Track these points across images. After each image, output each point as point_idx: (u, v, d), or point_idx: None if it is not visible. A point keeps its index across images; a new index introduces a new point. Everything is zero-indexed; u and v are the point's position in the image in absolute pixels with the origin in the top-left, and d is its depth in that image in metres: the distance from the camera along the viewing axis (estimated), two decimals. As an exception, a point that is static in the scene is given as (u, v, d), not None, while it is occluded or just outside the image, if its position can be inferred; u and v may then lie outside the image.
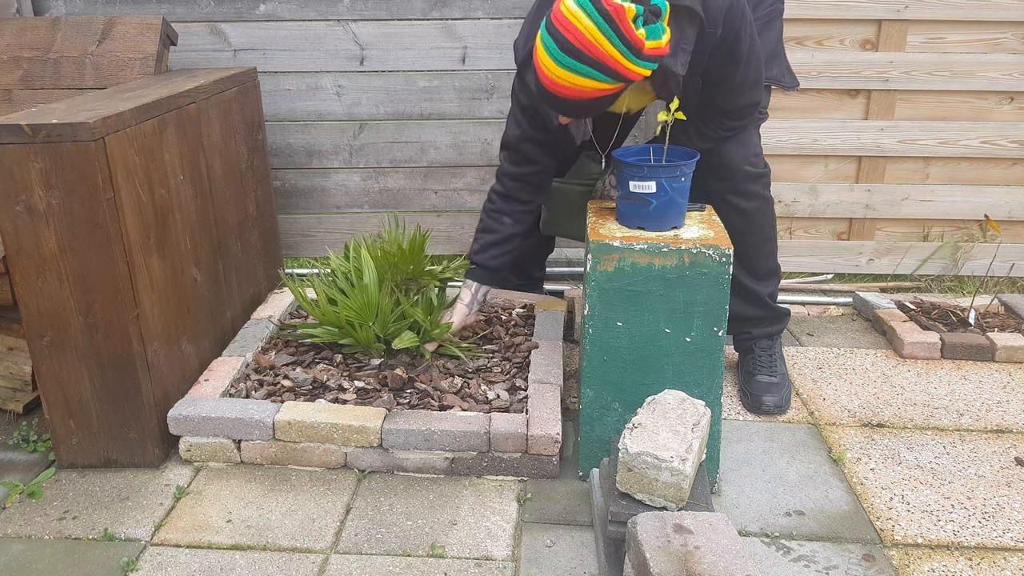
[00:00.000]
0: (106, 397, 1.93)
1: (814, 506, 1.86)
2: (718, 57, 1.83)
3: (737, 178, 2.08)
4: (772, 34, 2.13)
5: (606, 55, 1.59)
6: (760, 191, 2.12)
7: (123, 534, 1.77)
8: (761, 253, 2.20)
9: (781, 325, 2.33)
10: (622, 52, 1.59)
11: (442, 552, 1.71)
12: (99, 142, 1.74)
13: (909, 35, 2.76)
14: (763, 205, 2.14)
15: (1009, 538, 1.76)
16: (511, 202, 2.14)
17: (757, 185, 2.11)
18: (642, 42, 1.59)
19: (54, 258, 1.80)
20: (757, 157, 2.10)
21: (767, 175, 2.13)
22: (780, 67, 2.17)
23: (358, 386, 2.12)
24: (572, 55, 1.61)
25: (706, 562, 1.33)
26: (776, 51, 2.16)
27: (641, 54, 1.61)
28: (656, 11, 1.62)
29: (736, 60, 1.85)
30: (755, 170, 2.09)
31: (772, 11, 2.13)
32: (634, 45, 1.59)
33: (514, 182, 2.12)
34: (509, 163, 2.12)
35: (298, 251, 3.08)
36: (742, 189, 2.09)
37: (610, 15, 1.56)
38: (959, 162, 2.90)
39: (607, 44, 1.58)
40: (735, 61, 1.85)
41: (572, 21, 1.59)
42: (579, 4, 1.58)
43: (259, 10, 2.79)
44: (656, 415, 1.61)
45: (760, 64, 1.93)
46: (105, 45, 2.47)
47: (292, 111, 2.90)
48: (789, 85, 2.20)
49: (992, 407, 2.25)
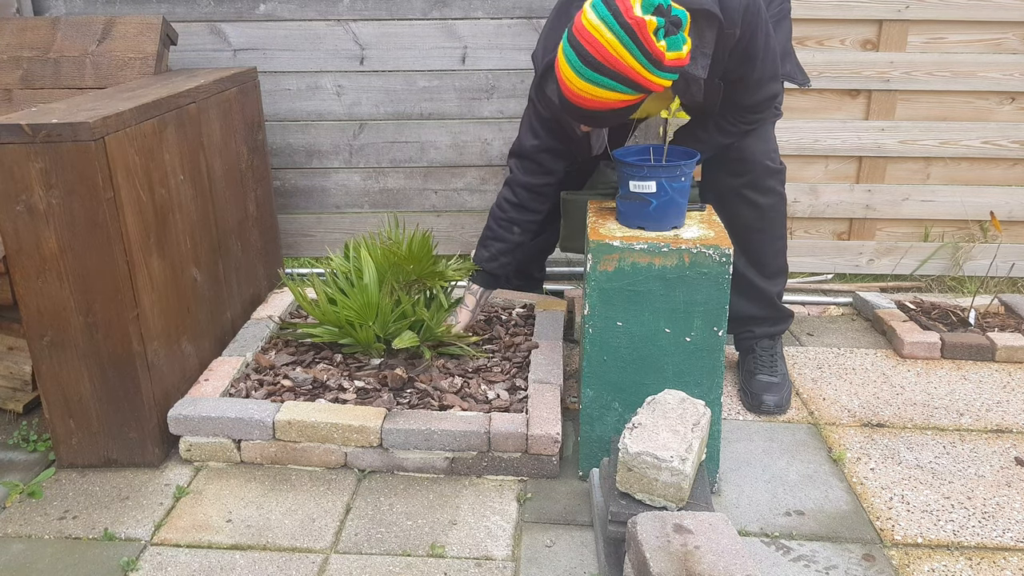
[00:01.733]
0: (106, 397, 1.93)
1: (814, 506, 1.86)
2: (736, 56, 1.84)
3: (756, 172, 2.08)
4: (783, 32, 2.14)
5: (628, 68, 1.61)
6: (776, 187, 2.13)
7: (123, 534, 1.77)
8: (772, 251, 2.21)
9: (784, 325, 2.33)
10: (644, 65, 1.61)
11: (442, 552, 1.71)
12: (99, 142, 1.74)
13: (910, 35, 2.76)
14: (778, 202, 2.15)
15: (1009, 538, 1.76)
16: (523, 211, 2.14)
17: (774, 181, 2.12)
18: (663, 54, 1.61)
19: (54, 258, 1.80)
20: (776, 153, 2.12)
21: (783, 172, 2.14)
22: (792, 64, 2.19)
23: (358, 386, 2.12)
24: (594, 68, 1.63)
25: (706, 562, 1.33)
26: (787, 48, 2.17)
27: (662, 66, 1.62)
28: (677, 22, 1.63)
29: (752, 57, 1.86)
30: (774, 165, 2.10)
31: (782, 10, 2.15)
32: (655, 58, 1.60)
33: (528, 192, 2.12)
34: (523, 173, 2.11)
35: (298, 251, 3.08)
36: (760, 184, 2.10)
37: (632, 28, 1.57)
38: (960, 162, 2.90)
39: (629, 57, 1.60)
40: (751, 58, 1.86)
41: (594, 34, 1.60)
42: (601, 17, 1.59)
43: (259, 10, 2.79)
44: (656, 415, 1.61)
45: (776, 57, 1.94)
46: (105, 45, 2.47)
47: (292, 111, 2.90)
48: (802, 82, 2.21)
49: (992, 407, 2.25)
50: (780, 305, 2.29)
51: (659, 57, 1.61)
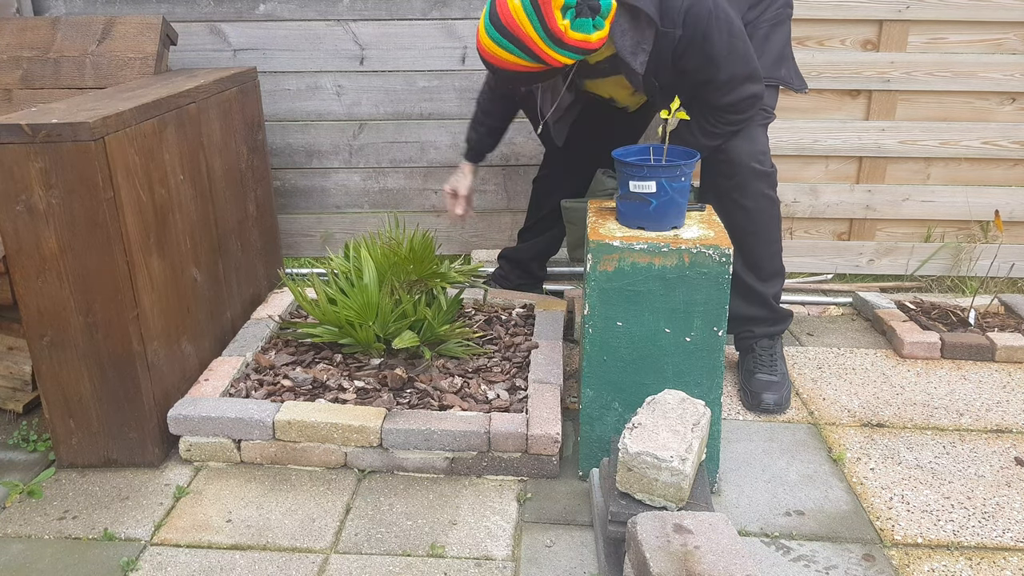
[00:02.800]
0: (106, 397, 1.93)
1: (814, 506, 1.86)
2: (693, 57, 1.88)
3: (742, 175, 2.08)
4: (780, 36, 2.14)
5: (526, 36, 1.72)
6: (765, 190, 2.12)
7: (123, 534, 1.77)
8: (766, 254, 2.21)
9: (783, 325, 2.33)
10: (541, 37, 1.71)
11: (442, 552, 1.71)
12: (99, 142, 1.74)
13: (910, 35, 2.76)
14: (768, 206, 2.14)
15: (1009, 538, 1.76)
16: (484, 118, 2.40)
17: (762, 184, 2.11)
18: (564, 32, 1.69)
19: (54, 258, 1.80)
20: (764, 156, 2.11)
21: (773, 175, 2.14)
22: (789, 69, 2.19)
23: (358, 386, 2.12)
24: (498, 29, 1.75)
25: (706, 562, 1.33)
26: (784, 53, 2.17)
27: (562, 43, 1.72)
28: (595, 7, 1.71)
29: (713, 59, 1.89)
30: (761, 168, 2.09)
31: (779, 15, 2.15)
32: (555, 33, 1.70)
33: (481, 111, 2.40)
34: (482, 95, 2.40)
35: (298, 251, 3.08)
36: (747, 187, 2.09)
37: (537, 1, 1.68)
38: (960, 163, 2.90)
39: (528, 27, 1.70)
40: (713, 59, 1.89)
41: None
42: None
43: (259, 10, 2.79)
44: (656, 415, 1.61)
45: (750, 58, 1.94)
46: (105, 45, 2.47)
47: (292, 111, 2.90)
48: (798, 87, 2.21)
49: (992, 407, 2.25)
50: (777, 306, 2.29)
51: (558, 33, 1.69)
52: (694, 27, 1.84)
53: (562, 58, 1.75)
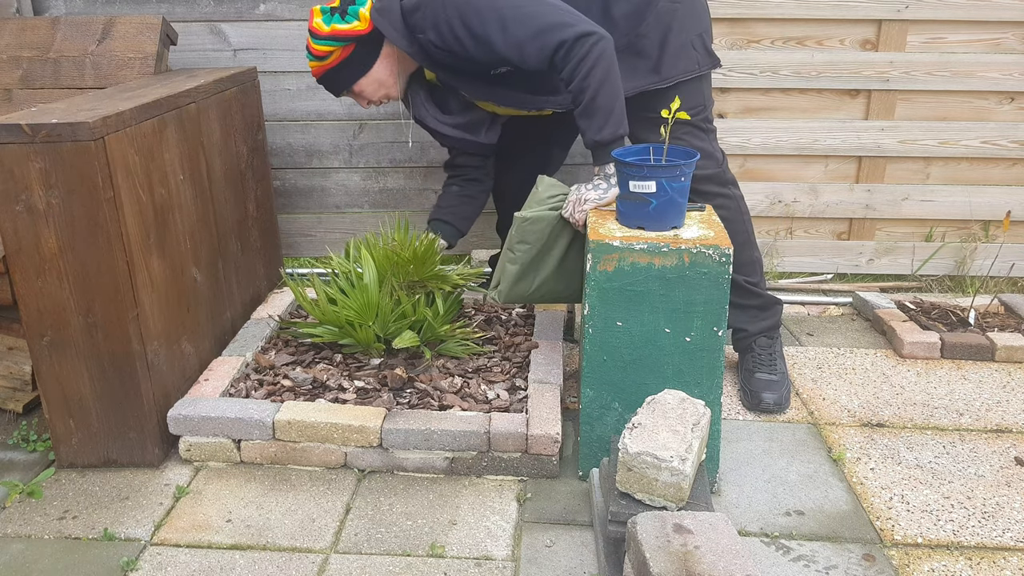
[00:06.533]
0: (106, 397, 1.93)
1: (814, 506, 1.86)
2: (467, 45, 1.95)
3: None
4: (673, 34, 2.09)
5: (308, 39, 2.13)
6: (715, 190, 2.18)
7: (123, 534, 1.77)
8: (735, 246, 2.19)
9: (773, 317, 2.31)
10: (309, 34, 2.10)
11: (442, 552, 1.71)
12: (99, 142, 1.74)
13: (909, 35, 2.76)
14: (724, 202, 2.19)
15: (1009, 538, 1.76)
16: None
17: (711, 185, 2.18)
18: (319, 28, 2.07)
19: (54, 258, 1.80)
20: (707, 159, 2.14)
21: (720, 174, 2.20)
22: (690, 58, 2.11)
23: (358, 386, 2.12)
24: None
25: (706, 562, 1.33)
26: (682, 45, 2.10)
27: (316, 35, 2.08)
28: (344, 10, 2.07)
29: (484, 37, 1.93)
30: (702, 173, 2.11)
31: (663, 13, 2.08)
32: (311, 29, 2.09)
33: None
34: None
35: (298, 251, 3.08)
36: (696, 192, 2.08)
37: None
38: (959, 162, 2.90)
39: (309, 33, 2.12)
40: (479, 39, 1.94)
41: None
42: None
43: (259, 10, 2.79)
44: (656, 415, 1.61)
45: (526, 17, 1.89)
46: (105, 45, 2.47)
47: (292, 111, 2.90)
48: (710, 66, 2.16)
49: (992, 407, 2.25)
50: (759, 292, 2.29)
51: (313, 29, 2.08)
52: (437, 23, 1.95)
53: (320, 47, 2.09)
